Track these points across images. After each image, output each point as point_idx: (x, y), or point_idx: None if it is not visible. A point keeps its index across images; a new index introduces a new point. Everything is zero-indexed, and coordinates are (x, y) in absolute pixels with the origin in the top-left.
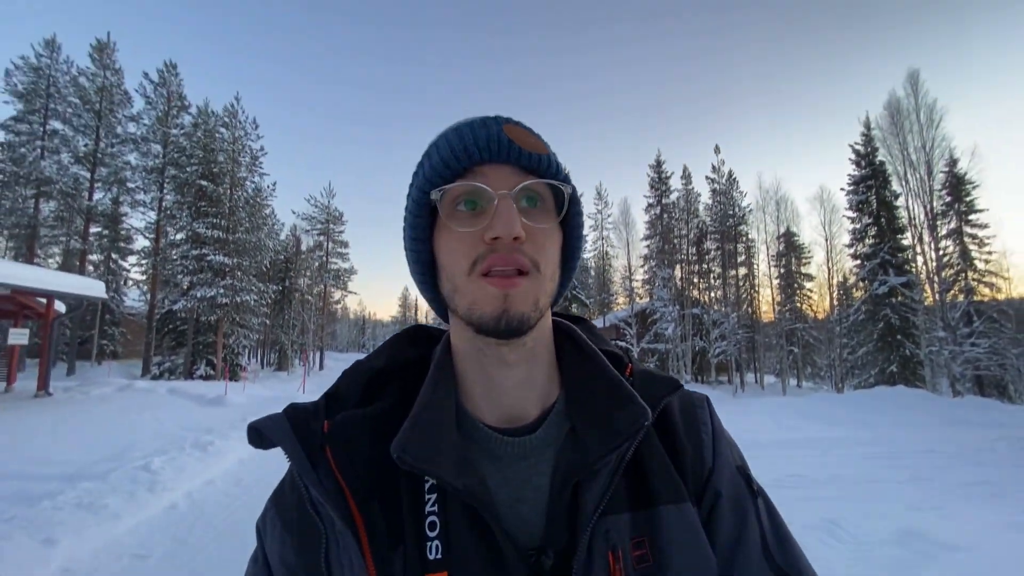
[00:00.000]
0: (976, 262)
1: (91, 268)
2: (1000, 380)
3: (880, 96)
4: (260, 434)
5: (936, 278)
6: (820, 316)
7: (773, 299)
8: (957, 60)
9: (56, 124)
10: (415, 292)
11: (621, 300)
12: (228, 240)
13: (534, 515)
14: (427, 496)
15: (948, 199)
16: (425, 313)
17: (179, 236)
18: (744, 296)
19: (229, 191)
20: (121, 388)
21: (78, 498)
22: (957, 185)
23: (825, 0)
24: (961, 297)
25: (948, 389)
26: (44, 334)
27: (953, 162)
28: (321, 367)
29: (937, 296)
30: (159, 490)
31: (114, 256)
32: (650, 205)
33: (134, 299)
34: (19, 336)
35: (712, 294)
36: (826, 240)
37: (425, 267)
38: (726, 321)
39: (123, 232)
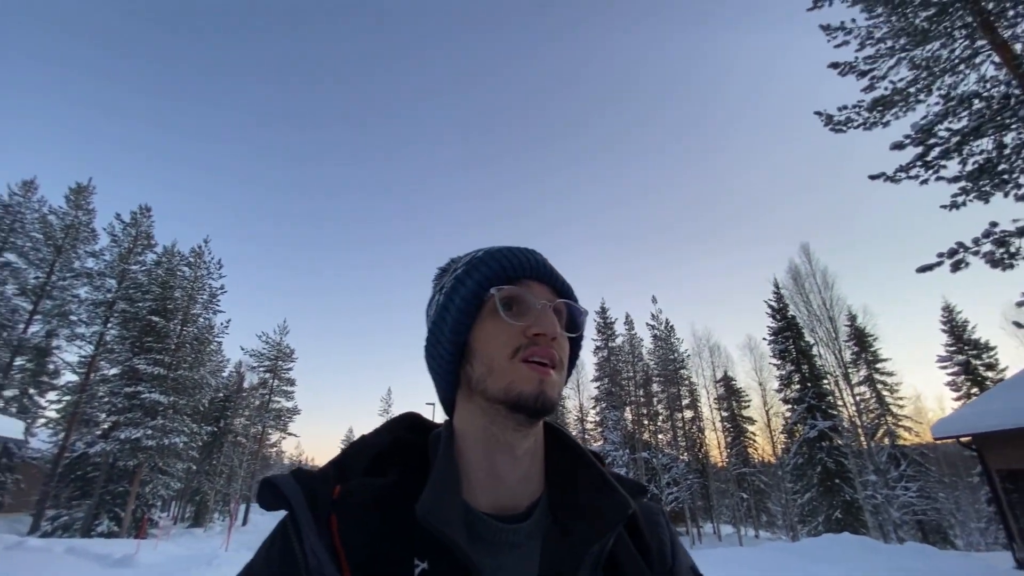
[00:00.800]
0: (891, 407)
1: (0, 403)
2: (938, 525)
3: (783, 261)
4: (274, 491)
5: (859, 421)
6: (766, 460)
7: (719, 443)
8: (846, 230)
9: (10, 256)
10: (360, 431)
11: None
12: (167, 377)
13: None
14: None
15: (856, 349)
16: None
17: (113, 372)
18: (693, 439)
19: (180, 327)
20: (9, 547)
21: None
22: (860, 337)
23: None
24: (886, 440)
25: (892, 535)
26: None
27: (853, 317)
28: (245, 522)
29: (863, 440)
30: None
31: (31, 391)
32: (598, 348)
33: (42, 440)
34: None
35: (661, 436)
36: (759, 385)
37: (457, 351)
38: (675, 465)
39: (50, 366)
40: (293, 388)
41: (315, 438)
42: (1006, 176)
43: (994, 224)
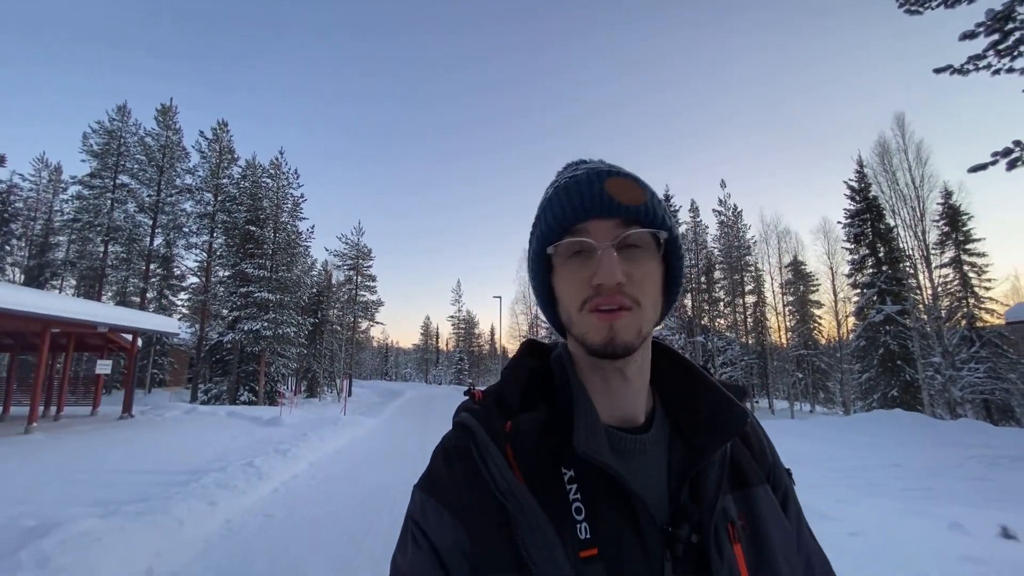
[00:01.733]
0: (976, 289)
1: (147, 302)
2: (1007, 404)
3: (872, 135)
4: (465, 427)
5: (934, 304)
6: (831, 341)
7: (779, 326)
8: (943, 100)
9: (124, 178)
10: (436, 321)
11: None
12: (271, 278)
13: (655, 499)
14: (568, 487)
15: (946, 229)
16: (445, 341)
17: (225, 274)
18: (755, 322)
19: (272, 234)
20: (187, 411)
21: (214, 481)
22: (953, 216)
23: (814, 46)
24: (963, 323)
25: (948, 413)
26: (130, 365)
27: (948, 194)
28: (350, 394)
29: (934, 323)
30: (264, 478)
31: (166, 292)
32: None
33: (183, 331)
34: (104, 367)
35: (721, 320)
36: (830, 269)
37: (546, 300)
38: (730, 347)
39: (175, 271)
40: (375, 283)
41: (398, 324)
42: None
43: None
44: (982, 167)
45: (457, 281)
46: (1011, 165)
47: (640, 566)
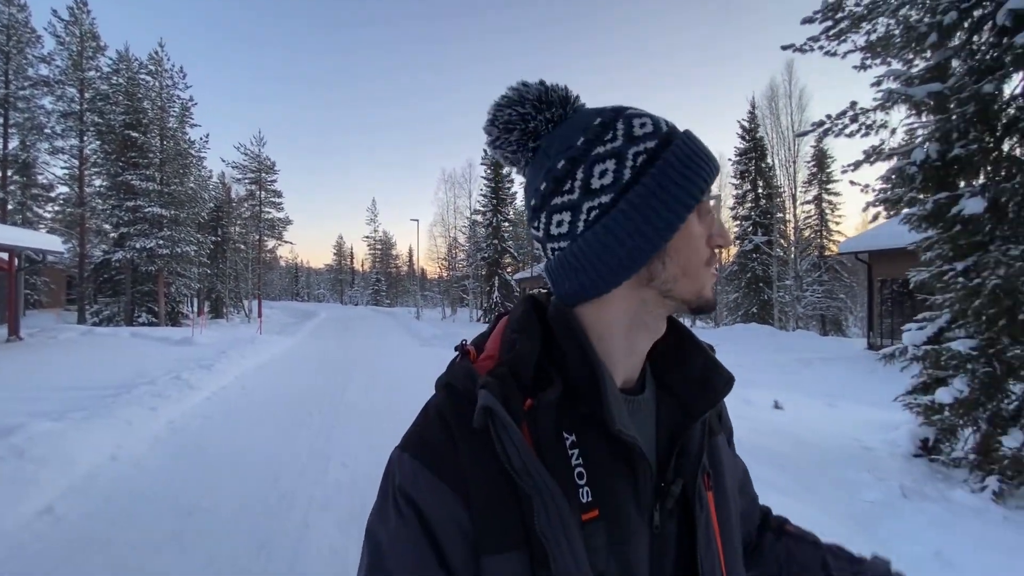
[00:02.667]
0: (829, 223)
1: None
2: (837, 319)
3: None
4: (488, 410)
5: (793, 237)
6: None
7: None
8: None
9: None
10: (350, 241)
11: None
12: (162, 192)
13: (648, 456)
14: (570, 452)
15: (814, 170)
16: (361, 261)
17: (100, 183)
18: None
19: (159, 142)
20: (83, 333)
21: (147, 392)
22: (821, 159)
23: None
24: (816, 252)
25: (793, 326)
26: (11, 286)
27: (820, 138)
28: (260, 315)
29: (793, 251)
30: (195, 389)
31: (29, 203)
32: None
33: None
34: None
35: None
36: (720, 204)
37: (656, 249)
38: None
39: (39, 179)
40: (281, 200)
41: (309, 243)
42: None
43: (853, 103)
44: (804, 134)
45: (372, 200)
46: (823, 135)
47: (636, 522)
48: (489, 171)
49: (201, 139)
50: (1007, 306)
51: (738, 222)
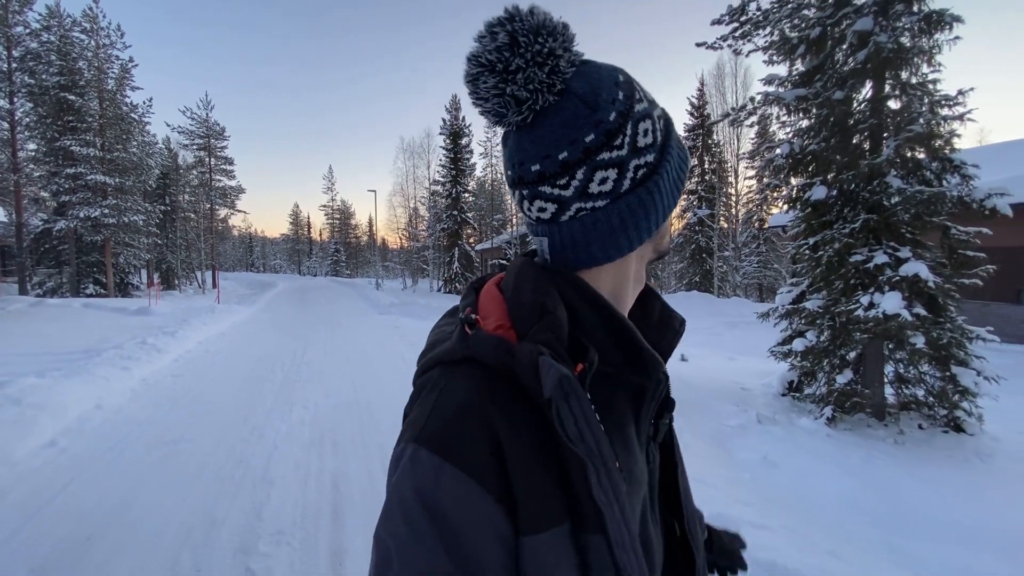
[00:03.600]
0: (768, 197)
1: None
2: (772, 286)
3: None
4: (567, 379)
5: (735, 210)
6: None
7: None
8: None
9: None
10: (307, 210)
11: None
12: (104, 158)
13: None
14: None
15: (758, 142)
16: (319, 231)
17: (32, 149)
18: None
19: (99, 105)
20: (33, 304)
21: (116, 355)
22: (763, 134)
23: None
24: (756, 225)
25: (730, 293)
26: None
27: None
28: (215, 285)
29: (733, 223)
30: (162, 352)
31: None
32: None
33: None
34: None
35: None
36: None
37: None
38: None
39: None
40: (232, 167)
41: (264, 212)
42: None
43: (752, 99)
44: (715, 123)
45: (329, 167)
46: (730, 123)
47: (640, 460)
48: (448, 141)
49: (145, 103)
50: (840, 273)
51: (684, 196)
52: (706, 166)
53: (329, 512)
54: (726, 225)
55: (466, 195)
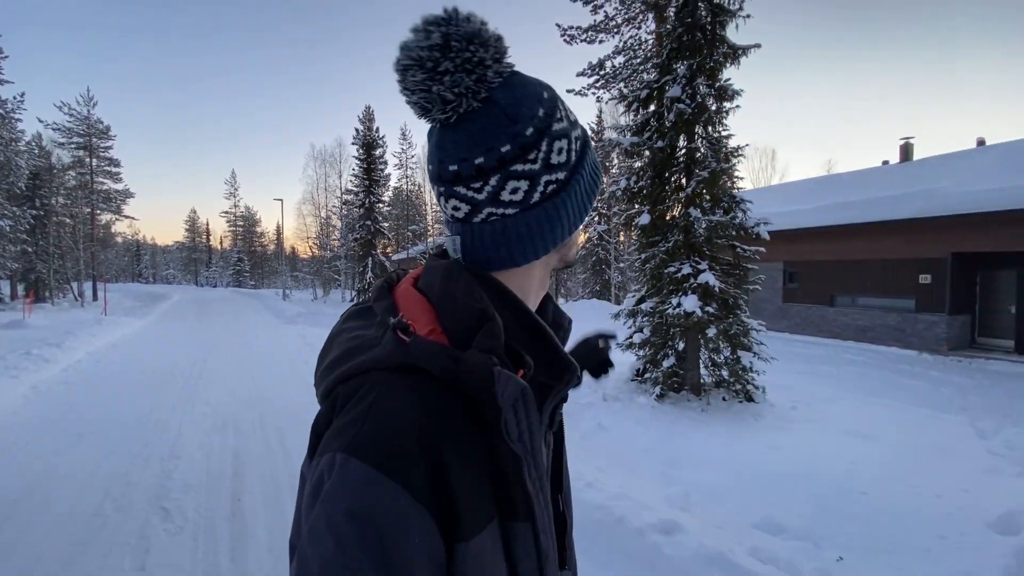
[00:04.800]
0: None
1: None
2: None
3: None
4: (526, 389)
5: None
6: None
7: None
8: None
9: None
10: (205, 216)
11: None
12: None
13: None
14: None
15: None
16: (220, 238)
17: None
18: None
19: None
20: None
21: (3, 364)
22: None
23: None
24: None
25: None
26: None
27: None
28: (95, 297)
29: (628, 236)
30: (50, 363)
31: None
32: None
33: None
34: None
35: None
36: None
37: (584, 222)
38: None
39: None
40: (119, 169)
41: (155, 217)
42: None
43: (600, 141)
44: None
45: (231, 171)
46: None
47: (543, 449)
48: (361, 151)
49: (16, 98)
50: (662, 282)
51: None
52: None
53: (231, 472)
54: (623, 239)
55: (380, 205)
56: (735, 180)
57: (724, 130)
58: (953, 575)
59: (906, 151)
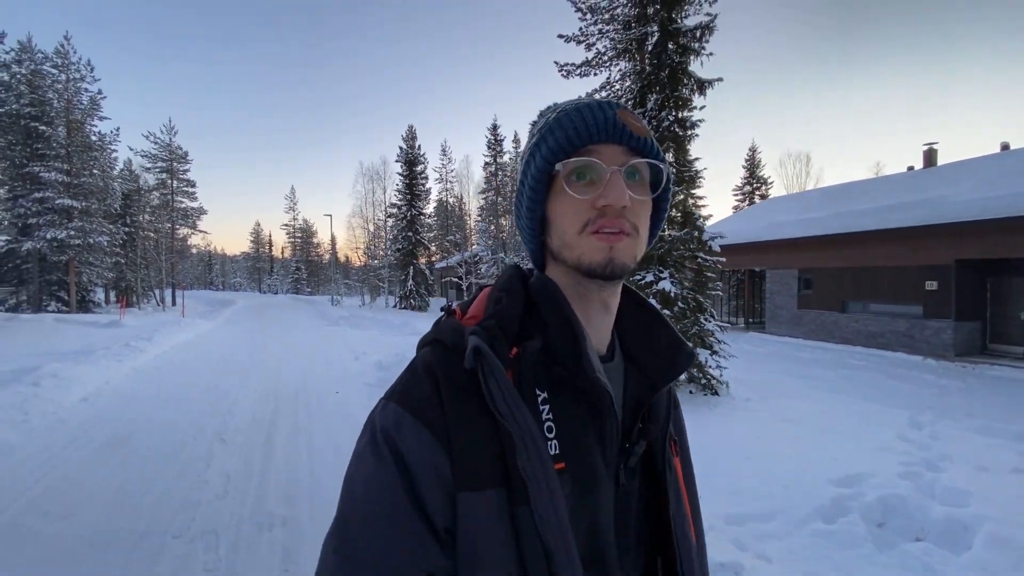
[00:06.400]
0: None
1: None
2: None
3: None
4: (478, 350)
5: None
6: None
7: None
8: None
9: None
10: (268, 228)
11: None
12: (71, 183)
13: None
14: (541, 407)
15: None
16: (281, 249)
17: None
18: None
19: (67, 134)
20: (8, 319)
21: (106, 354)
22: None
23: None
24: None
25: None
26: None
27: None
28: (175, 302)
29: None
30: (143, 352)
31: None
32: (487, 163)
33: None
34: None
35: None
36: None
37: (537, 224)
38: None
39: None
40: (194, 189)
41: (224, 229)
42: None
43: None
44: None
45: (291, 187)
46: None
47: (601, 477)
48: (404, 168)
49: (112, 132)
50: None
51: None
52: None
53: (268, 421)
54: None
55: (422, 217)
56: (696, 200)
57: (689, 156)
58: (775, 506)
59: (930, 156)
